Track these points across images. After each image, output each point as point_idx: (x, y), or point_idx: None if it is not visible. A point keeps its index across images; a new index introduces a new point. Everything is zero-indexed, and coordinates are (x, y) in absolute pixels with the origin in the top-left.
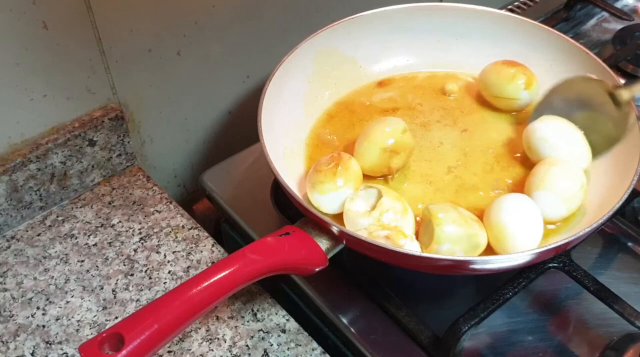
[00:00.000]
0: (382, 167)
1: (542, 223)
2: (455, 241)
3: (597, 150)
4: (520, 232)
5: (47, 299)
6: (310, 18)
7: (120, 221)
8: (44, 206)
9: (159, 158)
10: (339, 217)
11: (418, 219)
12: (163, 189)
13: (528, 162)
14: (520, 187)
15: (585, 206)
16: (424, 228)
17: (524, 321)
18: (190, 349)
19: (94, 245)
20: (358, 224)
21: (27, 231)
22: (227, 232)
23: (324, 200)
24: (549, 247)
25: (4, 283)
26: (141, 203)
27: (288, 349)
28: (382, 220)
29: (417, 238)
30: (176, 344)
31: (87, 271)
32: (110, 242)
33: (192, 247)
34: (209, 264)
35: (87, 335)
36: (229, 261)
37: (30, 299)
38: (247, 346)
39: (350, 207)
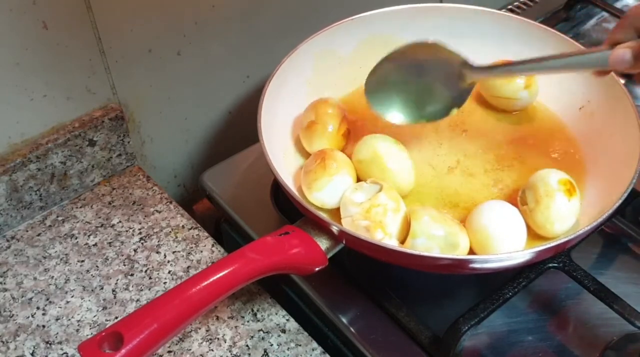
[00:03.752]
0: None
1: (525, 227)
2: (432, 236)
3: (425, 115)
4: (502, 236)
5: (47, 299)
6: (310, 19)
7: (120, 221)
8: (44, 206)
9: (159, 158)
10: (339, 216)
11: None
12: (163, 189)
13: (528, 163)
14: (520, 188)
15: (584, 207)
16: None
17: (524, 321)
18: (190, 349)
19: (94, 245)
20: (348, 210)
21: (27, 231)
22: (227, 232)
23: (324, 195)
24: (549, 245)
25: (4, 283)
26: (141, 203)
27: (288, 349)
28: (370, 212)
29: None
30: (176, 344)
31: (87, 271)
32: (110, 242)
33: (192, 247)
34: (209, 264)
35: (87, 335)
36: (229, 260)
37: (30, 299)
38: (247, 346)
39: (349, 194)
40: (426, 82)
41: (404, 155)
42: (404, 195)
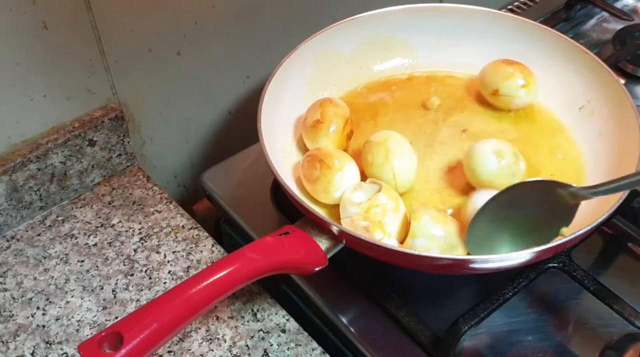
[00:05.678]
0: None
1: None
2: (431, 237)
3: (534, 242)
4: None
5: (47, 299)
6: (310, 18)
7: (120, 221)
8: (44, 206)
9: (159, 158)
10: (339, 215)
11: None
12: (163, 189)
13: (528, 163)
14: None
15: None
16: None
17: (524, 321)
18: (190, 349)
19: (94, 245)
20: (348, 211)
21: (27, 231)
22: (227, 232)
23: (342, 189)
24: (548, 245)
25: (4, 283)
26: (141, 203)
27: (288, 349)
28: (370, 212)
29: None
30: (176, 344)
31: (87, 271)
32: (110, 242)
33: (192, 247)
34: (209, 264)
35: (87, 335)
36: (229, 260)
37: (30, 299)
38: (247, 346)
39: (348, 194)
40: (529, 213)
41: (412, 154)
42: (400, 192)
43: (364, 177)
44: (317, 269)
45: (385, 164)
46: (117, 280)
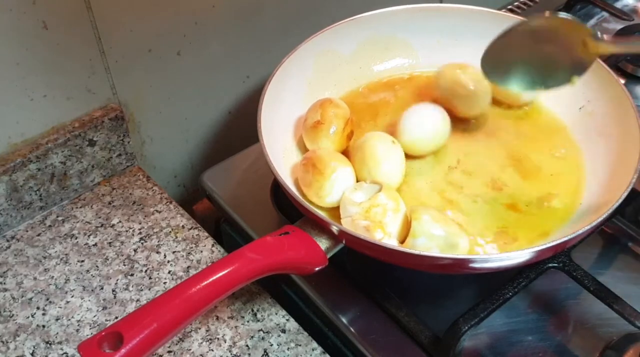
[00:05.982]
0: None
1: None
2: (431, 236)
3: (545, 84)
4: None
5: (47, 299)
6: (311, 19)
7: (120, 221)
8: (44, 206)
9: (159, 158)
10: (339, 216)
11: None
12: (163, 189)
13: (528, 163)
14: (520, 188)
15: (584, 206)
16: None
17: (524, 321)
18: (190, 349)
19: (94, 245)
20: (348, 211)
21: (27, 231)
22: (227, 232)
23: (335, 194)
24: (548, 245)
25: (4, 283)
26: (141, 203)
27: (288, 349)
28: (370, 212)
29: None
30: (176, 344)
31: (87, 271)
32: (110, 242)
33: (192, 247)
34: (209, 264)
35: (87, 335)
36: (228, 260)
37: (30, 299)
38: (247, 346)
39: (348, 194)
40: (546, 51)
41: (394, 152)
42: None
43: None
44: (317, 269)
45: (363, 169)
46: (117, 280)
